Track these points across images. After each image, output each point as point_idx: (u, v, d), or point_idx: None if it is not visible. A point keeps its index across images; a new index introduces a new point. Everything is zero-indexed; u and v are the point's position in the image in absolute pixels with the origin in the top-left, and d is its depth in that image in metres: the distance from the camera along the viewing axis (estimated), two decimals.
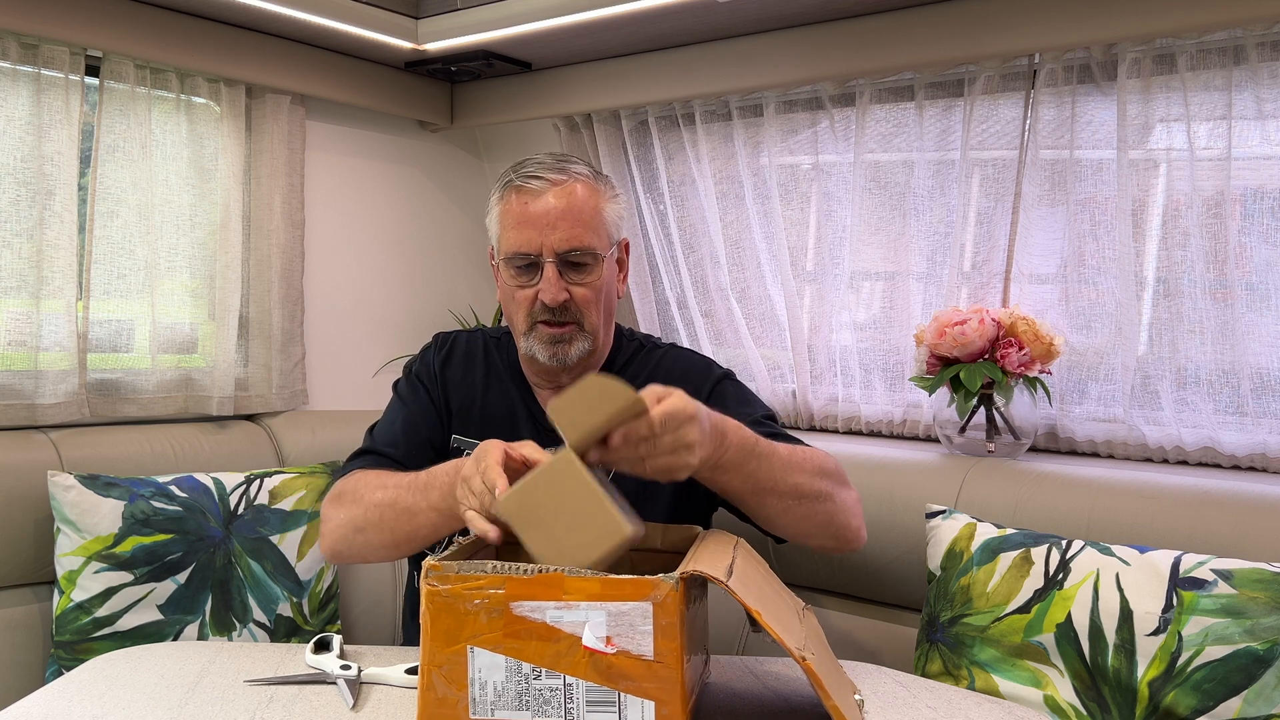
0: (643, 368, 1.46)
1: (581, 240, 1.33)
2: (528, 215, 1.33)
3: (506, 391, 1.46)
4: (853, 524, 1.31)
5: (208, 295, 2.10)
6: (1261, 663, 1.17)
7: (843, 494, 1.30)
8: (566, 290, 1.33)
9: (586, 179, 1.36)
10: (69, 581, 1.67)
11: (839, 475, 1.32)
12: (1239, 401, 1.68)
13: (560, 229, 1.32)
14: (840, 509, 1.29)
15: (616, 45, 2.14)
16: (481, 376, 1.48)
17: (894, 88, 1.99)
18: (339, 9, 2.00)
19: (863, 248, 2.06)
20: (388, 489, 1.27)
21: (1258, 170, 1.65)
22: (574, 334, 1.36)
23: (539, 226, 1.32)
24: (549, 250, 1.32)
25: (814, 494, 1.25)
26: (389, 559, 1.33)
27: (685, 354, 1.51)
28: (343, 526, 1.31)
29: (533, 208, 1.33)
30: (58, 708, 1.04)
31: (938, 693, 1.16)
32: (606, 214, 1.37)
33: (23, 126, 1.83)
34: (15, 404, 1.83)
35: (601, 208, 1.36)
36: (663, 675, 0.90)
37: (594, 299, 1.35)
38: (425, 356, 1.51)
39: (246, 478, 1.87)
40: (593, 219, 1.34)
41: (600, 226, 1.35)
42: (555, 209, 1.32)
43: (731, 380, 1.47)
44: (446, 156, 2.63)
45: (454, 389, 1.47)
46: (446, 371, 1.48)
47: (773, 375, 2.22)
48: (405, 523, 1.24)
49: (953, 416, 1.81)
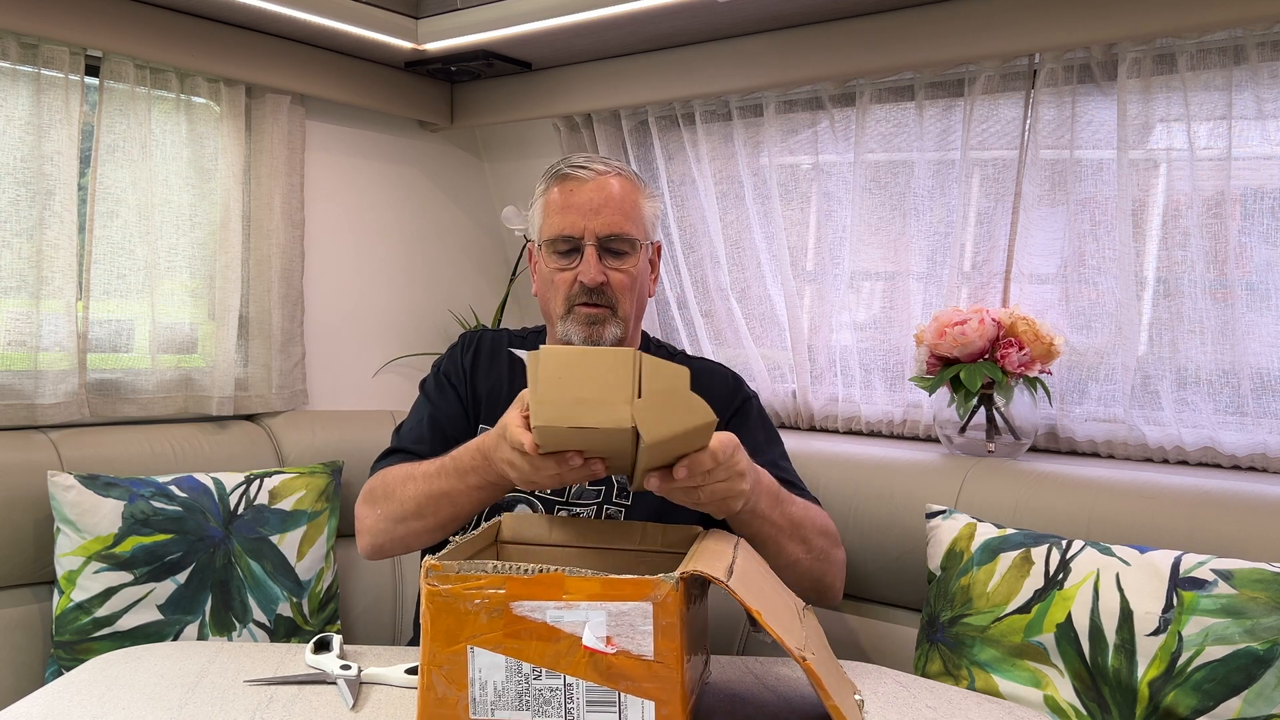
0: None
1: (621, 227, 1.41)
2: (572, 201, 1.41)
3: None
4: (837, 585, 1.41)
5: (208, 295, 2.09)
6: (1261, 663, 1.17)
7: (836, 555, 1.40)
8: (605, 273, 1.41)
9: (628, 175, 1.46)
10: (69, 581, 1.67)
11: (835, 537, 1.41)
12: (1239, 401, 1.68)
13: (603, 215, 1.40)
14: (831, 569, 1.38)
15: (616, 45, 2.14)
16: (506, 369, 1.53)
17: (894, 88, 1.99)
18: (339, 9, 2.00)
19: (863, 248, 2.06)
20: (417, 480, 1.32)
21: (1258, 170, 1.65)
22: (608, 317, 1.42)
23: (583, 211, 1.41)
24: (590, 234, 1.40)
25: (818, 551, 1.35)
26: (433, 542, 1.37)
27: (712, 366, 1.59)
28: (382, 520, 1.35)
29: (578, 195, 1.41)
30: (58, 708, 1.04)
31: (938, 693, 1.16)
32: (644, 209, 1.46)
33: (23, 126, 1.83)
34: (15, 404, 1.83)
35: (641, 203, 1.45)
36: (663, 675, 0.90)
37: (629, 286, 1.43)
38: (453, 355, 1.56)
39: (246, 478, 1.86)
40: (633, 210, 1.43)
41: (639, 219, 1.44)
42: (599, 196, 1.41)
43: (756, 402, 1.54)
44: (446, 156, 2.63)
45: (482, 382, 1.52)
46: (475, 368, 1.53)
47: (773, 375, 2.22)
48: (447, 506, 1.29)
49: (953, 416, 1.81)
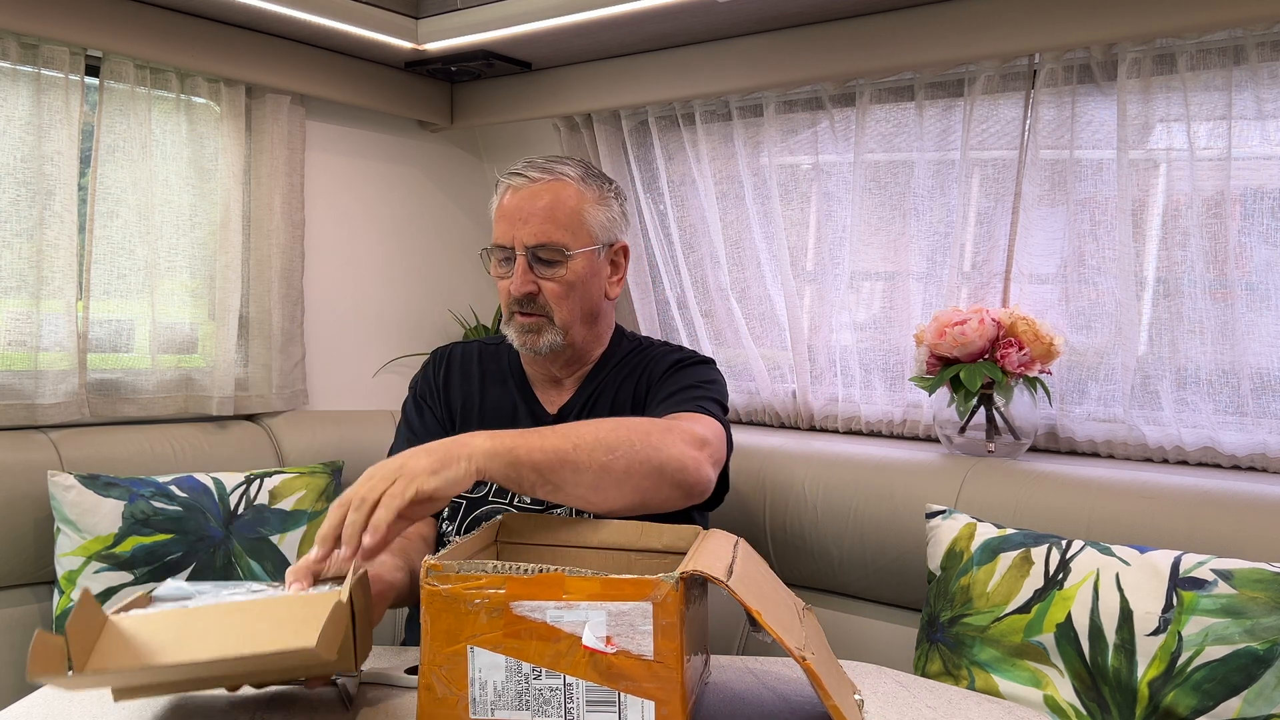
0: (634, 365, 1.51)
1: (550, 236, 1.38)
2: (505, 211, 1.41)
3: (504, 392, 1.52)
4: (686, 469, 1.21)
5: (208, 295, 2.10)
6: (1261, 663, 1.17)
7: (668, 441, 1.21)
8: (535, 283, 1.40)
9: (572, 180, 1.41)
10: (69, 581, 1.67)
11: (669, 425, 1.25)
12: (1239, 401, 1.69)
13: (531, 224, 1.38)
14: (661, 454, 1.18)
15: (616, 45, 2.14)
16: (479, 381, 1.54)
17: (894, 88, 1.99)
18: (339, 9, 2.00)
19: (863, 248, 2.06)
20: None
21: (1258, 170, 1.65)
22: (543, 325, 1.41)
23: (513, 220, 1.39)
24: (519, 243, 1.39)
25: (632, 445, 1.17)
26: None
27: (667, 349, 1.53)
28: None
29: (512, 203, 1.40)
30: (58, 708, 1.04)
31: (938, 693, 1.16)
32: (588, 215, 1.41)
33: (23, 126, 1.83)
34: (15, 404, 1.83)
35: (582, 208, 1.41)
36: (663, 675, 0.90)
37: (562, 294, 1.40)
38: (426, 374, 1.57)
39: (246, 478, 1.87)
40: (569, 218, 1.40)
41: (578, 226, 1.40)
42: (529, 205, 1.39)
43: (680, 365, 1.47)
44: (446, 156, 2.63)
45: (455, 396, 1.53)
46: (448, 385, 1.54)
47: (773, 375, 2.22)
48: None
49: (953, 416, 1.81)
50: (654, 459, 1.18)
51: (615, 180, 1.50)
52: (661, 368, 1.48)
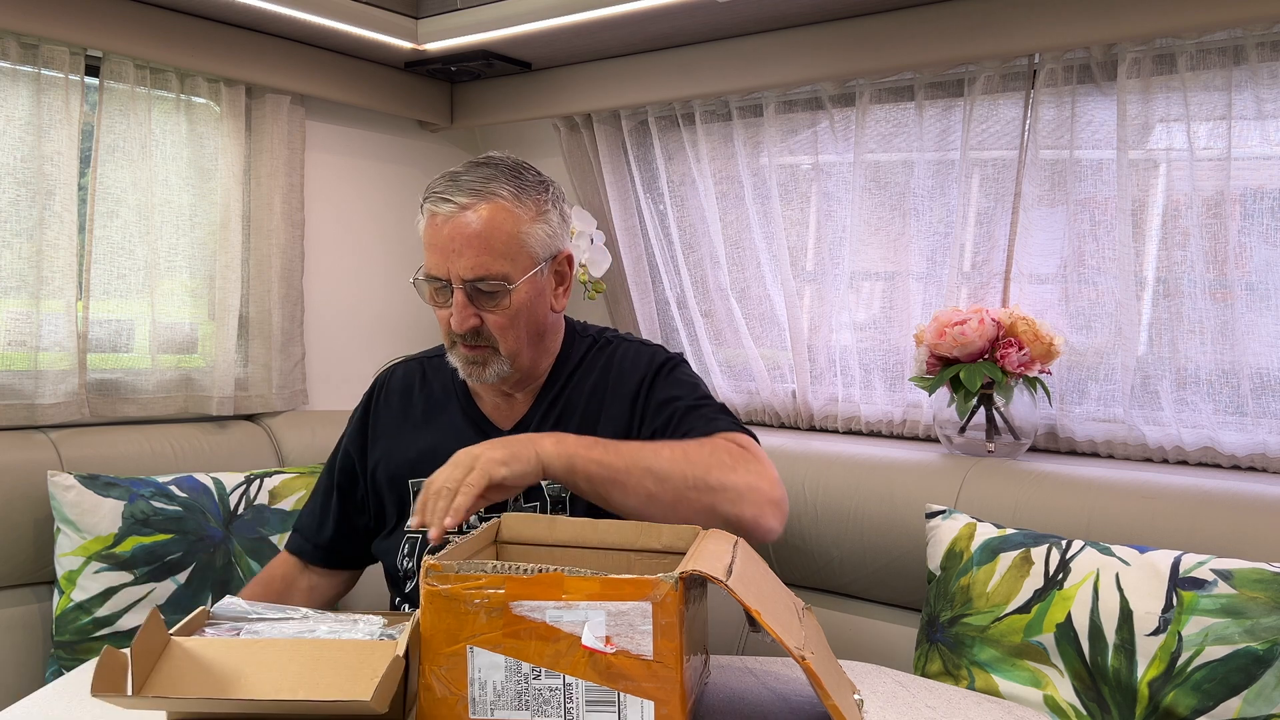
0: (595, 364, 1.43)
1: (489, 268, 1.27)
2: (435, 240, 1.29)
3: (448, 419, 1.44)
4: (745, 513, 1.23)
5: (208, 295, 2.10)
6: (1261, 663, 1.17)
7: (730, 480, 1.23)
8: (477, 316, 1.30)
9: (503, 200, 1.28)
10: (69, 581, 1.67)
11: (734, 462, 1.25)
12: (1239, 401, 1.68)
13: (466, 256, 1.27)
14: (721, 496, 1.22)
15: (616, 45, 2.14)
16: (421, 413, 1.46)
17: (894, 88, 1.99)
18: (339, 9, 2.00)
19: (863, 248, 2.06)
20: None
21: (1258, 170, 1.65)
22: (489, 356, 1.33)
23: (445, 252, 1.28)
24: (456, 277, 1.28)
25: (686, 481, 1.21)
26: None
27: (634, 348, 1.44)
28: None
29: (441, 232, 1.28)
30: (58, 708, 1.04)
31: (938, 693, 1.16)
32: (527, 236, 1.30)
33: (23, 126, 1.83)
34: (15, 404, 1.83)
35: (520, 231, 1.29)
36: (662, 675, 0.90)
37: (507, 325, 1.31)
38: (352, 423, 1.51)
39: (246, 478, 1.87)
40: (506, 245, 1.28)
41: (517, 251, 1.29)
42: (460, 235, 1.27)
43: (667, 369, 1.41)
44: (447, 157, 2.63)
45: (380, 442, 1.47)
46: (377, 425, 1.48)
47: (773, 375, 2.22)
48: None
49: (953, 416, 1.81)
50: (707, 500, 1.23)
51: (549, 179, 1.36)
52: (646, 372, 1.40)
